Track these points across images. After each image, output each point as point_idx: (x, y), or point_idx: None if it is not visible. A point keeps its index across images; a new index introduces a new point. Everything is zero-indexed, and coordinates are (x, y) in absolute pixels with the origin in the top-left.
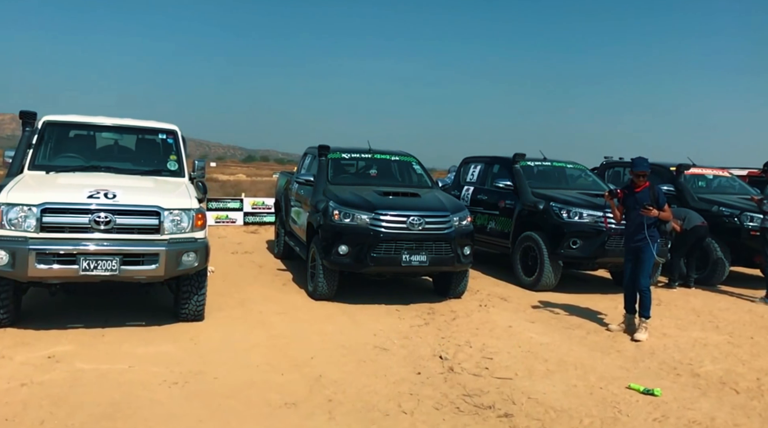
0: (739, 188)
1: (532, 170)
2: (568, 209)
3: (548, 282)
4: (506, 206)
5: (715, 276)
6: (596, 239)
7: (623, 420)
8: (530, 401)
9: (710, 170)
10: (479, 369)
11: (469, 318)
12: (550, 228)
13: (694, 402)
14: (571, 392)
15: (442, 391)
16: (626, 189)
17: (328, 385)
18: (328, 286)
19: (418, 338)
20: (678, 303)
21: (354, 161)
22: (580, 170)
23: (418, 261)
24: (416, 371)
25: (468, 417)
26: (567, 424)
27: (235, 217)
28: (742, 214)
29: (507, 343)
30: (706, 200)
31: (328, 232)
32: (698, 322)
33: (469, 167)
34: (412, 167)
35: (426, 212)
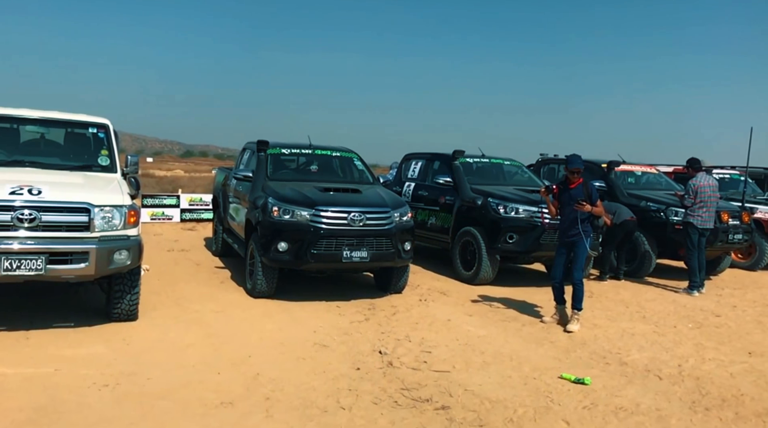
0: (665, 184)
1: (471, 167)
2: (505, 204)
3: (486, 276)
4: (446, 201)
5: (642, 269)
6: (532, 233)
7: (555, 409)
8: (467, 393)
9: (639, 166)
10: (418, 363)
11: (409, 313)
12: (488, 223)
13: (621, 389)
14: (506, 383)
15: (381, 386)
16: (561, 185)
17: (266, 383)
18: (267, 283)
19: (358, 333)
20: (608, 295)
21: (294, 157)
22: (517, 166)
23: (359, 257)
24: (355, 366)
25: (406, 411)
26: (501, 414)
27: (172, 214)
28: (667, 209)
29: (445, 337)
30: (634, 196)
31: (267, 229)
32: (627, 313)
33: (411, 163)
34: (353, 163)
35: (367, 208)
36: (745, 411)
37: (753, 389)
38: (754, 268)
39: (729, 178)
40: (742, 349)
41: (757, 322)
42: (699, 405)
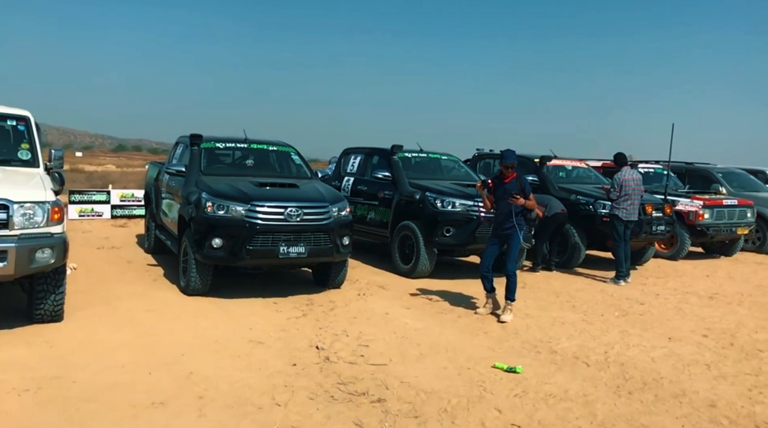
0: (594, 178)
1: (409, 162)
2: (443, 198)
3: (424, 269)
4: (385, 196)
5: (573, 260)
6: (468, 226)
7: (487, 398)
8: (403, 385)
9: (569, 161)
10: (355, 357)
11: (348, 308)
12: (425, 217)
13: (551, 377)
14: (442, 374)
15: (317, 381)
16: (496, 180)
17: (199, 382)
18: (201, 281)
19: (295, 329)
20: (540, 286)
21: (229, 151)
22: (454, 161)
23: (296, 253)
24: (292, 362)
25: (342, 405)
26: (436, 405)
27: (102, 210)
28: (596, 202)
29: (383, 330)
30: (565, 190)
31: (200, 225)
32: (557, 302)
33: (350, 158)
34: (291, 157)
35: (304, 203)
36: (663, 393)
37: (671, 372)
38: (676, 258)
39: (653, 172)
40: (663, 335)
41: (677, 309)
42: (623, 389)
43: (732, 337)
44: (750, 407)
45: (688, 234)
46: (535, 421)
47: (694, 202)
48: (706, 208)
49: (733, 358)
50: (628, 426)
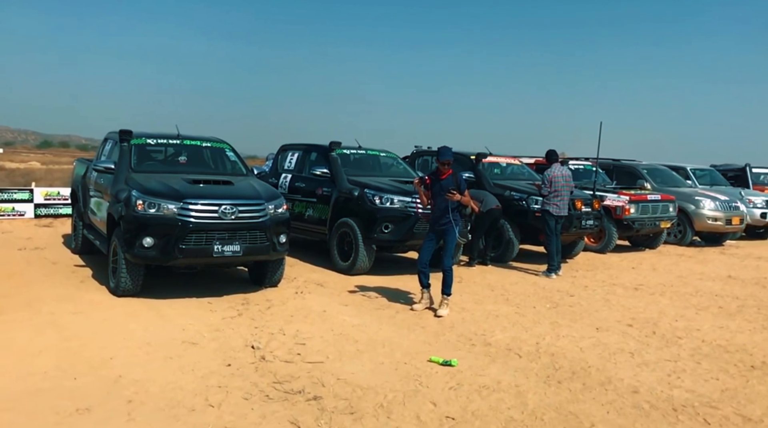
0: (527, 174)
1: (348, 158)
2: (381, 195)
3: (363, 266)
4: (323, 193)
5: (507, 254)
6: (406, 223)
7: (423, 391)
8: (339, 382)
9: (504, 158)
10: (291, 356)
11: (285, 306)
12: (364, 214)
13: (485, 369)
14: (378, 369)
15: (253, 381)
16: (432, 176)
17: (129, 385)
18: (131, 281)
19: (231, 329)
20: (476, 280)
21: (161, 148)
22: (393, 158)
23: (231, 251)
24: (226, 363)
25: (277, 404)
26: (372, 400)
27: (24, 209)
28: (528, 198)
29: (320, 328)
30: (500, 186)
31: (131, 223)
32: (492, 296)
33: (287, 154)
34: (226, 153)
35: (239, 201)
36: (591, 381)
37: (598, 361)
38: (604, 251)
39: (583, 169)
40: (591, 325)
41: (604, 300)
42: (552, 378)
43: (654, 326)
44: (669, 391)
45: (615, 228)
46: (468, 413)
47: (621, 197)
48: (631, 203)
49: (654, 346)
50: (557, 414)
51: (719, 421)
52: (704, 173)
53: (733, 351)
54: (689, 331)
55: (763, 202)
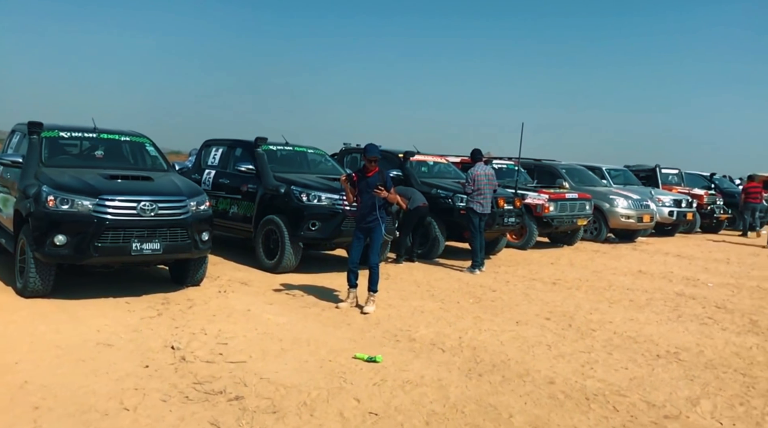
0: (453, 173)
1: (275, 154)
2: (308, 192)
3: (289, 264)
4: (248, 190)
5: (433, 251)
6: (334, 220)
7: (347, 388)
8: (262, 381)
9: (431, 157)
10: (213, 356)
11: (207, 305)
12: (291, 211)
13: (409, 364)
14: (303, 368)
15: (172, 382)
16: (359, 173)
17: (35, 391)
18: (41, 281)
19: (149, 330)
20: (403, 276)
21: (75, 141)
22: (321, 155)
23: (150, 249)
24: (144, 364)
25: (197, 405)
26: (296, 399)
27: None
28: (454, 195)
29: (244, 327)
30: (427, 184)
31: (41, 220)
32: (418, 292)
33: (211, 150)
34: (145, 148)
35: (159, 197)
36: (510, 373)
37: (518, 354)
38: (525, 247)
39: (506, 168)
40: (512, 319)
41: (524, 295)
42: (474, 372)
43: (570, 319)
44: (582, 381)
45: (535, 225)
46: (392, 408)
47: (541, 196)
48: (551, 201)
49: (570, 338)
50: (477, 406)
51: (627, 408)
52: (618, 173)
53: (641, 342)
54: (602, 323)
55: (671, 201)
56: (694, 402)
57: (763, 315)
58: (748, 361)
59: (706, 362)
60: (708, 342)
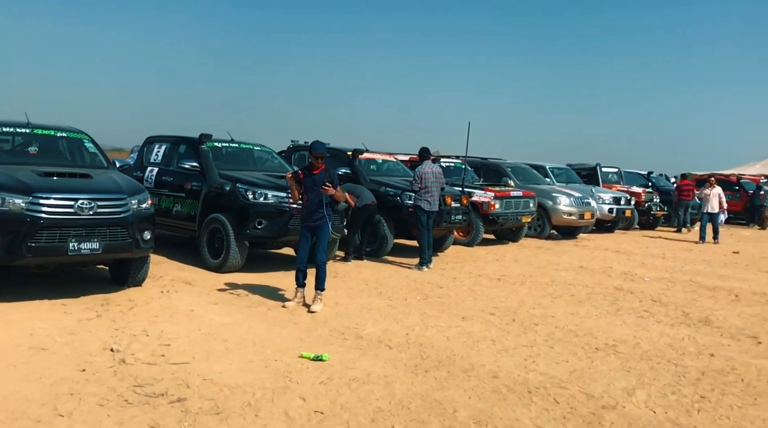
0: (402, 171)
1: (220, 152)
2: (254, 190)
3: (235, 263)
4: (193, 187)
5: (382, 249)
6: (280, 218)
7: (293, 387)
8: (205, 382)
9: (380, 155)
10: (155, 358)
11: (149, 306)
12: (236, 209)
13: (356, 362)
14: (247, 368)
15: (110, 386)
16: (306, 170)
17: None
18: None
19: (87, 332)
20: (351, 275)
21: (7, 137)
22: (267, 152)
23: (89, 249)
24: (80, 368)
25: (137, 409)
26: (240, 399)
27: None
28: (402, 193)
29: (187, 328)
30: (375, 182)
31: None
32: (366, 290)
33: (153, 147)
34: (84, 145)
35: (98, 195)
36: (455, 369)
37: (463, 349)
38: (472, 244)
39: (453, 166)
40: (458, 315)
41: (470, 291)
42: (420, 368)
43: (514, 314)
44: (525, 375)
45: (482, 222)
46: (337, 406)
47: (487, 193)
48: (496, 199)
49: (514, 333)
50: (423, 402)
51: (567, 400)
52: (561, 171)
53: (581, 335)
54: (545, 318)
55: (611, 198)
56: (630, 392)
57: (695, 308)
58: (680, 352)
59: (642, 353)
60: (644, 334)
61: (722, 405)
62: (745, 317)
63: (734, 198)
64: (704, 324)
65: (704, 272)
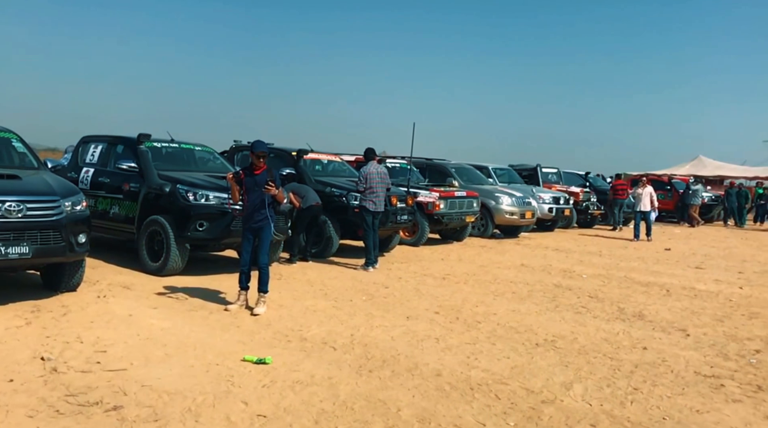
0: (348, 172)
1: (159, 152)
2: (195, 191)
3: (175, 266)
4: (131, 189)
5: (328, 250)
6: (223, 220)
7: (235, 391)
8: (143, 389)
9: (325, 155)
10: (89, 365)
11: (84, 312)
12: (176, 211)
13: (299, 364)
14: (188, 373)
15: (40, 396)
16: (247, 171)
17: None
18: None
19: (15, 340)
20: (296, 276)
21: None
22: (209, 152)
23: (17, 254)
24: (8, 378)
25: (69, 419)
26: (180, 405)
27: None
28: (348, 194)
29: (125, 333)
30: (321, 182)
31: None
32: (311, 291)
33: (89, 146)
34: (12, 144)
35: (28, 197)
36: (399, 368)
37: (407, 348)
38: (417, 244)
39: (399, 167)
40: (402, 314)
41: (416, 290)
42: (364, 368)
43: (458, 312)
44: (467, 372)
45: (427, 222)
46: (281, 409)
47: (432, 194)
48: (441, 199)
49: (457, 331)
50: (367, 402)
51: (508, 395)
52: (503, 172)
53: (522, 332)
54: (487, 315)
55: (551, 198)
56: (567, 386)
57: (629, 303)
58: (615, 346)
59: (579, 348)
60: (581, 329)
61: (653, 395)
62: (675, 311)
63: (666, 197)
64: (638, 318)
65: (638, 269)
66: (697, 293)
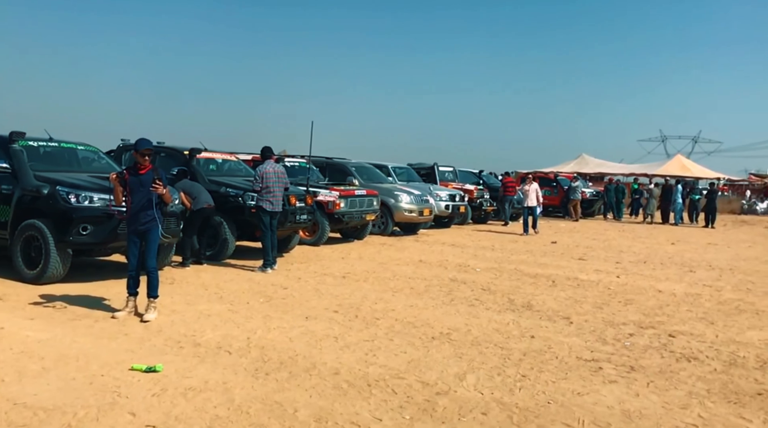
0: (244, 171)
1: (37, 152)
2: (77, 193)
3: (56, 273)
4: (2, 191)
5: (223, 252)
6: (109, 223)
7: (122, 403)
8: (16, 407)
9: (220, 154)
10: None
11: None
12: (57, 214)
13: (193, 370)
14: (68, 386)
15: None
16: (131, 170)
17: None
18: None
19: None
20: (190, 280)
21: None
22: (93, 152)
23: None
24: None
25: None
26: (59, 422)
27: None
28: (244, 194)
29: None
30: (215, 182)
31: None
32: (206, 295)
33: None
34: None
35: None
36: (297, 369)
37: (305, 349)
38: (318, 243)
39: (298, 165)
40: (302, 315)
41: (315, 290)
42: (261, 371)
43: (357, 310)
44: (365, 369)
45: (327, 222)
46: (172, 418)
47: (332, 193)
48: (341, 198)
49: (356, 328)
50: (263, 405)
51: (404, 389)
52: (402, 170)
53: (419, 326)
54: (386, 312)
55: (447, 196)
56: (461, 377)
57: (519, 294)
58: (505, 336)
59: (473, 339)
60: (474, 321)
61: (540, 381)
62: (560, 300)
63: (552, 193)
64: (526, 308)
65: (527, 261)
66: (580, 282)
